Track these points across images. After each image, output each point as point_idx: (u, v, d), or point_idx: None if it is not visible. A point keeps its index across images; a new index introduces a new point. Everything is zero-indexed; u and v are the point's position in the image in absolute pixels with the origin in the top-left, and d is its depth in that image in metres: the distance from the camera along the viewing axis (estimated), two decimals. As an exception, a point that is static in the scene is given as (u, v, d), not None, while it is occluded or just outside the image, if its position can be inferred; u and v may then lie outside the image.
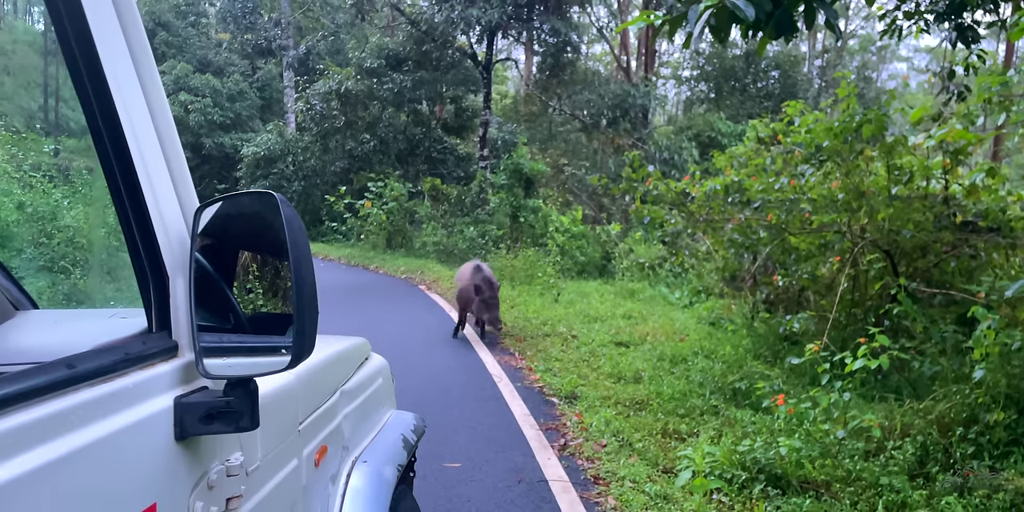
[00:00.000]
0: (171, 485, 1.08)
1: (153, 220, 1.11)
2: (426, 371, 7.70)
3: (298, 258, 1.11)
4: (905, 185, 6.67)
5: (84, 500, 0.89)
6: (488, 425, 6.05)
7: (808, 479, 4.63)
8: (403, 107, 25.95)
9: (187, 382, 1.15)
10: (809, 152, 6.62)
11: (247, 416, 1.12)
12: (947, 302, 6.77)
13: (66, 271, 9.37)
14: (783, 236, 6.96)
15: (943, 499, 4.18)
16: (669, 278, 14.67)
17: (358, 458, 2.11)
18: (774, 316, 7.99)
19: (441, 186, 22.56)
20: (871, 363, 4.53)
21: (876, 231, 6.49)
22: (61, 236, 9.94)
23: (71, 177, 21.43)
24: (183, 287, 1.15)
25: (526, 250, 16.69)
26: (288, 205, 1.14)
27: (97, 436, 0.92)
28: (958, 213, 6.63)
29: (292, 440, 1.62)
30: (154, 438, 1.05)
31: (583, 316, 11.31)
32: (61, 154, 26.99)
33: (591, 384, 7.32)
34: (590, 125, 25.65)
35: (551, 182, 22.90)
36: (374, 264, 19.74)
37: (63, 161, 26.34)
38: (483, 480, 4.84)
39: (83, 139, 31.60)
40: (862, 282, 7.09)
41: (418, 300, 13.68)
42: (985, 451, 4.45)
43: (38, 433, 0.83)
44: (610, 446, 5.50)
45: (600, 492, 4.69)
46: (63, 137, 28.68)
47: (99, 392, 0.96)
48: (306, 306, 1.12)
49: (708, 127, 24.15)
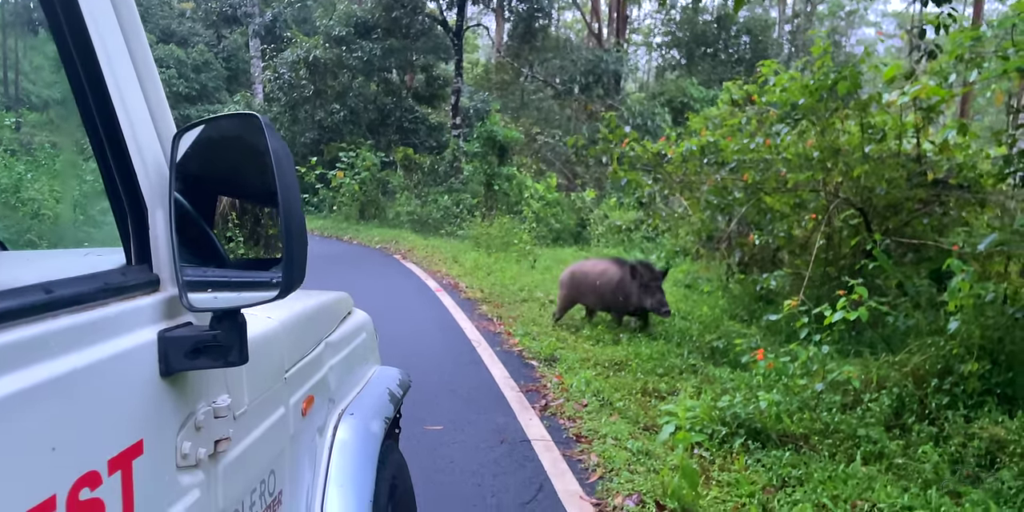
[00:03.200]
0: (157, 422, 1.05)
1: (129, 148, 1.06)
2: (405, 338, 7.68)
3: (285, 183, 1.06)
4: (878, 143, 6.70)
5: (69, 429, 0.86)
6: (468, 388, 6.05)
7: (787, 432, 4.69)
8: (373, 76, 25.57)
9: (170, 317, 1.11)
10: (784, 111, 6.61)
11: (235, 350, 1.08)
12: (919, 259, 6.86)
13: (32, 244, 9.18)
14: (758, 196, 6.98)
15: (919, 448, 4.26)
16: (644, 243, 14.73)
17: (344, 411, 2.08)
18: (749, 276, 8.05)
19: (413, 156, 22.38)
20: (850, 315, 4.58)
21: (850, 189, 6.53)
22: (25, 209, 9.72)
23: (34, 151, 20.95)
24: (163, 218, 1.10)
25: (501, 218, 16.64)
26: (272, 128, 1.09)
27: (78, 365, 0.88)
28: (929, 171, 6.70)
29: (278, 388, 1.58)
30: (138, 373, 1.01)
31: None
32: (23, 128, 26.33)
33: (570, 347, 7.34)
34: (563, 92, 25.50)
35: (524, 150, 22.78)
36: (348, 235, 19.60)
37: (25, 136, 25.73)
38: (465, 441, 4.85)
39: (45, 113, 30.84)
40: (836, 241, 7.15)
41: (394, 269, 13.62)
42: (960, 401, 4.54)
43: (14, 357, 0.79)
44: (591, 406, 5.53)
45: (583, 450, 4.72)
46: (24, 110, 27.96)
47: (78, 320, 0.91)
48: (295, 233, 1.07)
49: (680, 93, 24.10)
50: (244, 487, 1.37)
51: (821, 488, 3.94)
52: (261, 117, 1.10)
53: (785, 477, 4.17)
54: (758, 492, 4.00)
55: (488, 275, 12.21)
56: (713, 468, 4.37)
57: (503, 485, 4.17)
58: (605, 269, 7.79)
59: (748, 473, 4.25)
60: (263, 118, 1.09)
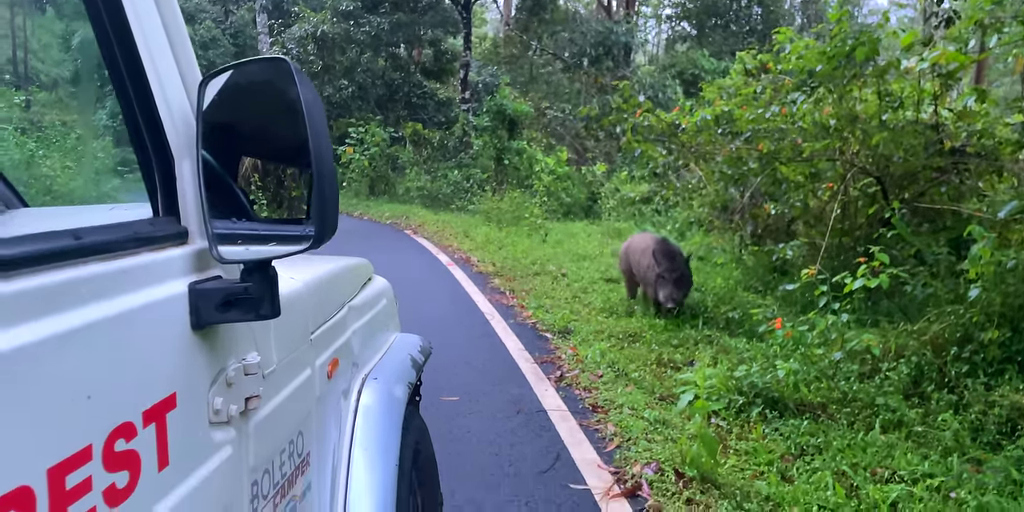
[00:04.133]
0: (190, 376, 1.03)
1: (155, 96, 1.03)
2: (417, 311, 7.67)
3: (315, 130, 1.03)
4: (895, 111, 6.61)
5: (103, 378, 0.84)
6: (483, 360, 6.05)
7: (804, 402, 4.68)
8: (381, 51, 25.37)
9: (199, 270, 1.09)
10: (800, 79, 6.51)
11: (267, 302, 1.06)
12: (936, 229, 6.79)
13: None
14: (774, 166, 6.91)
15: (939, 416, 4.24)
16: (655, 217, 14.66)
17: (368, 375, 2.07)
18: (763, 248, 8.00)
19: (423, 131, 22.27)
20: (870, 283, 4.53)
21: (867, 158, 6.45)
22: (38, 185, 9.74)
23: (45, 129, 20.97)
24: (190, 169, 1.08)
25: (512, 192, 16.59)
26: (302, 73, 1.05)
27: (110, 313, 0.86)
28: (947, 139, 6.60)
29: (305, 349, 1.57)
30: (170, 325, 0.99)
31: (571, 255, 11.30)
32: (33, 107, 26.31)
33: (583, 319, 7.34)
34: (572, 65, 25.25)
35: (534, 125, 22.63)
36: (358, 211, 19.58)
37: (34, 115, 25.72)
38: (482, 412, 4.86)
39: (54, 92, 30.80)
40: (852, 211, 7.08)
41: (405, 244, 13.61)
42: (980, 369, 4.50)
43: (46, 301, 0.77)
44: (606, 376, 5.53)
45: (599, 419, 4.72)
46: (34, 89, 27.93)
47: (108, 268, 0.89)
48: (326, 181, 1.04)
49: (691, 64, 23.84)
50: (274, 446, 1.36)
51: (840, 456, 3.93)
52: (291, 62, 1.06)
53: (803, 445, 4.16)
54: (776, 460, 3.99)
55: (499, 249, 12.20)
56: (730, 437, 4.37)
57: (520, 454, 4.18)
58: (646, 248, 7.23)
59: (766, 442, 4.25)
60: (292, 63, 1.06)
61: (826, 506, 3.44)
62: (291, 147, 1.17)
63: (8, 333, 0.71)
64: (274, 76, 1.12)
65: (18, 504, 0.70)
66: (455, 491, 3.62)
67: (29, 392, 0.73)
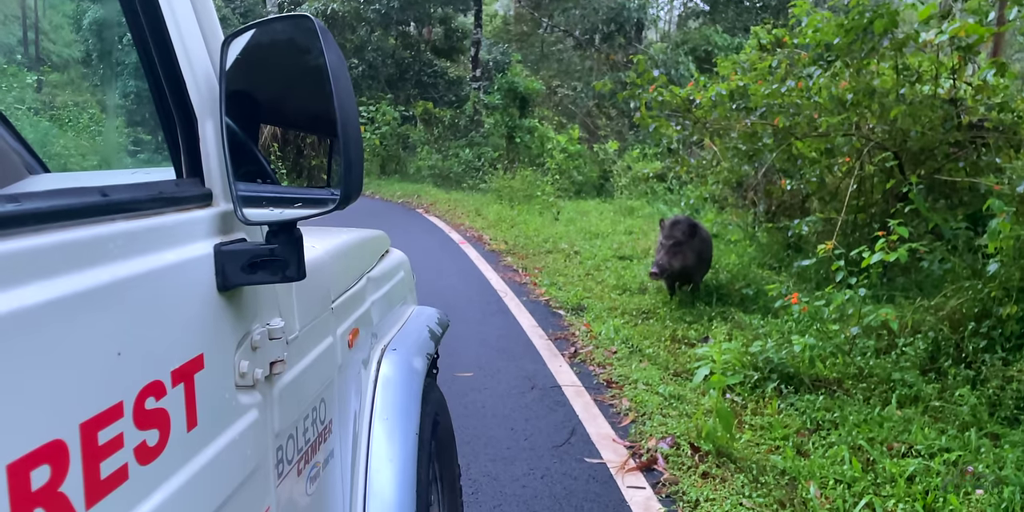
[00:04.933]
0: (216, 338, 1.03)
1: (178, 56, 1.02)
2: (431, 288, 7.68)
3: (340, 89, 1.01)
4: (912, 85, 6.52)
5: (133, 335, 0.84)
6: (497, 337, 6.07)
7: (820, 377, 4.67)
8: (391, 29, 25.23)
9: (224, 233, 1.08)
10: (817, 53, 6.43)
11: (293, 264, 1.05)
12: (953, 205, 6.73)
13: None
14: (789, 141, 6.84)
15: (956, 391, 4.22)
16: (667, 195, 14.60)
17: (387, 346, 2.07)
18: (778, 224, 7.95)
19: (433, 110, 22.18)
20: (888, 257, 4.50)
21: (884, 133, 6.38)
22: (51, 164, 9.78)
23: (56, 110, 21.04)
24: (213, 129, 1.07)
25: (523, 170, 16.54)
26: (327, 32, 1.03)
27: (138, 270, 0.86)
28: (964, 114, 6.52)
29: (326, 317, 1.57)
30: (197, 285, 0.99)
31: (584, 233, 11.28)
32: (44, 88, 26.43)
33: (597, 296, 7.33)
34: (584, 42, 25.03)
35: (545, 103, 22.50)
36: (369, 190, 19.57)
37: (46, 96, 25.83)
38: (496, 387, 4.87)
39: (66, 73, 30.81)
40: (868, 187, 7.02)
41: (417, 222, 13.62)
42: (997, 344, 4.47)
43: (76, 256, 0.77)
44: (620, 352, 5.54)
45: (614, 394, 4.73)
46: (46, 69, 27.98)
47: (136, 226, 0.89)
48: (352, 143, 1.03)
49: (704, 41, 23.57)
50: (298, 412, 1.36)
51: (856, 431, 3.93)
52: (315, 20, 1.04)
53: (819, 420, 4.16)
54: (792, 435, 3.99)
55: (512, 227, 12.18)
56: (745, 412, 4.37)
57: (535, 429, 4.19)
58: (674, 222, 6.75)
59: (781, 417, 4.25)
60: (317, 21, 1.04)
61: (842, 480, 3.44)
62: (314, 111, 1.16)
63: (42, 286, 0.71)
64: (298, 35, 1.10)
65: (52, 458, 0.70)
66: (470, 465, 3.64)
67: (62, 345, 0.73)
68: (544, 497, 3.40)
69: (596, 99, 23.75)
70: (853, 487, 3.37)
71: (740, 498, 3.31)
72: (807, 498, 3.28)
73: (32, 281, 0.70)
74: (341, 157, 1.03)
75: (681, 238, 6.40)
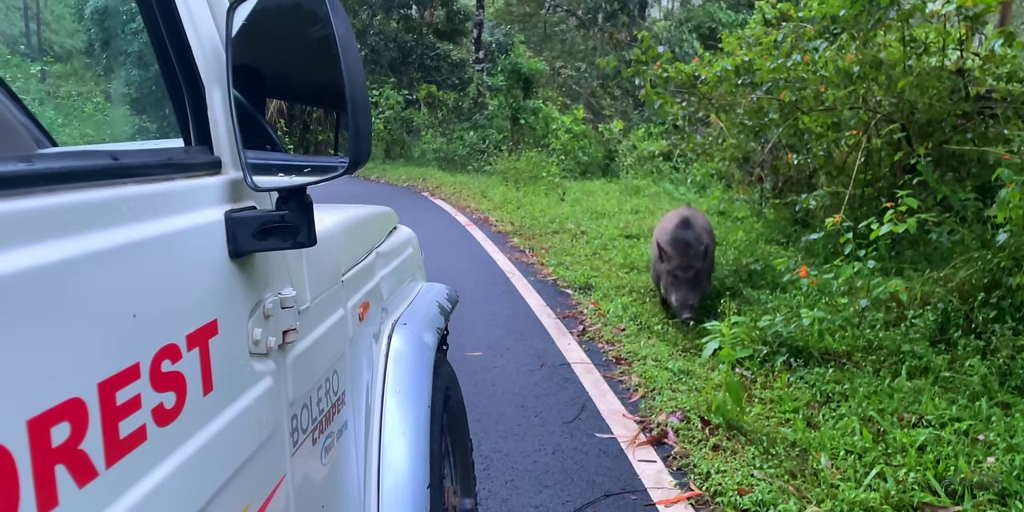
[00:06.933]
0: (230, 304, 1.04)
1: (184, 22, 1.02)
2: (438, 269, 7.69)
3: (347, 55, 1.01)
4: (919, 57, 6.46)
5: (148, 298, 0.85)
6: (505, 316, 6.08)
7: (829, 350, 4.67)
8: (393, 13, 25.09)
9: (234, 200, 1.09)
10: (823, 26, 6.37)
11: (304, 230, 1.06)
12: (961, 177, 6.69)
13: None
14: (795, 116, 6.79)
15: (966, 362, 4.22)
16: (673, 174, 14.56)
17: (397, 321, 2.08)
18: (785, 200, 7.92)
19: (437, 93, 22.10)
20: (898, 228, 4.48)
21: (891, 105, 6.33)
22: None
23: (60, 99, 21.03)
24: (220, 97, 1.07)
25: (528, 152, 16.49)
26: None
27: (152, 234, 0.87)
28: (971, 85, 6.46)
29: (336, 289, 1.58)
30: (209, 251, 0.99)
31: (590, 213, 11.27)
32: (48, 78, 26.40)
33: (604, 275, 7.33)
34: (587, 22, 24.84)
35: (549, 84, 22.39)
36: (375, 175, 19.55)
37: (50, 86, 25.79)
38: (505, 366, 4.89)
39: (69, 64, 30.79)
40: (875, 161, 6.98)
41: (422, 205, 13.62)
42: (1007, 314, 4.47)
43: (91, 217, 0.78)
44: (629, 330, 5.55)
45: (623, 371, 4.74)
46: (49, 59, 27.98)
47: (147, 191, 0.90)
48: (360, 109, 1.02)
49: (708, 18, 23.37)
50: (311, 382, 1.38)
51: (867, 402, 3.94)
52: None
53: (829, 393, 4.17)
54: (802, 408, 4.01)
55: (518, 209, 12.17)
56: (755, 386, 4.39)
57: (546, 406, 4.22)
58: (664, 228, 5.93)
59: (791, 390, 4.26)
60: None
61: (853, 450, 3.45)
62: (321, 78, 1.15)
63: (58, 245, 0.71)
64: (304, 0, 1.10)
65: (71, 415, 0.71)
66: (482, 442, 3.67)
67: (80, 304, 0.74)
68: (555, 472, 3.42)
69: (600, 79, 23.62)
70: (864, 457, 3.38)
71: (751, 470, 3.33)
72: (818, 469, 3.30)
73: (48, 240, 0.71)
74: (350, 122, 1.03)
75: (698, 265, 5.48)
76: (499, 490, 3.25)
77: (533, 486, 3.28)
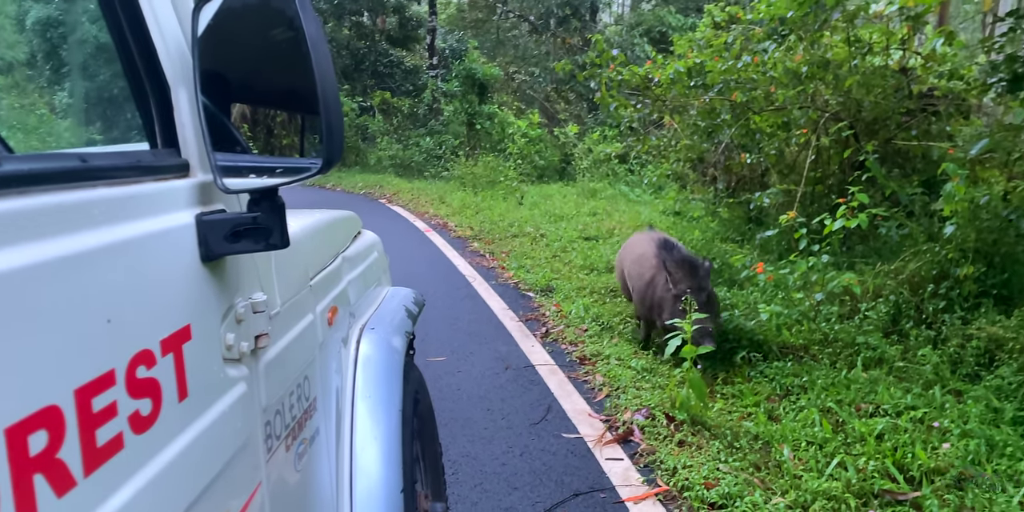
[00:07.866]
0: (202, 309, 1.03)
1: (148, 22, 1.01)
2: (399, 276, 7.63)
3: (317, 50, 1.00)
4: (864, 57, 6.64)
5: (121, 303, 0.84)
6: (468, 320, 6.08)
7: (787, 344, 4.77)
8: (344, 20, 24.90)
9: (204, 203, 1.08)
10: (771, 27, 6.50)
11: (276, 232, 1.06)
12: (907, 173, 6.88)
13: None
14: (747, 116, 6.92)
15: (919, 351, 4.34)
16: (628, 177, 14.70)
17: (365, 326, 2.08)
18: (739, 199, 8.06)
19: (391, 100, 21.99)
20: (850, 223, 4.60)
21: (839, 104, 6.49)
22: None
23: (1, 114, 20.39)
24: (187, 98, 1.06)
25: (485, 157, 16.51)
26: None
27: (122, 237, 0.86)
28: (914, 84, 6.66)
29: (305, 294, 1.57)
30: (181, 255, 0.99)
31: (548, 216, 11.32)
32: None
33: (565, 277, 7.37)
34: (539, 27, 24.97)
35: (504, 89, 22.44)
36: (330, 182, 19.36)
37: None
38: (470, 370, 4.89)
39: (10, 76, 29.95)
40: (824, 159, 7.14)
41: (380, 212, 13.54)
42: (956, 304, 4.60)
43: (60, 220, 0.77)
44: (591, 330, 5.59)
45: (587, 371, 4.78)
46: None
47: (117, 193, 0.89)
48: (331, 103, 1.02)
49: (658, 22, 23.65)
50: (284, 388, 1.37)
51: (825, 394, 4.03)
52: None
53: (788, 386, 4.26)
54: (763, 401, 4.08)
55: (476, 213, 12.18)
56: (716, 382, 4.45)
57: (512, 408, 4.23)
58: (643, 253, 5.20)
59: (751, 384, 4.34)
60: None
61: (814, 441, 3.53)
62: (288, 82, 1.15)
63: (27, 249, 0.71)
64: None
65: (48, 423, 0.70)
66: (449, 447, 3.66)
67: (53, 309, 0.73)
68: (524, 473, 3.43)
69: (554, 83, 23.75)
70: (825, 448, 3.46)
71: (717, 463, 3.38)
72: (781, 460, 3.36)
73: (21, 242, 0.70)
74: (322, 122, 1.03)
75: (709, 285, 4.70)
76: (468, 494, 3.25)
77: (502, 488, 3.29)
